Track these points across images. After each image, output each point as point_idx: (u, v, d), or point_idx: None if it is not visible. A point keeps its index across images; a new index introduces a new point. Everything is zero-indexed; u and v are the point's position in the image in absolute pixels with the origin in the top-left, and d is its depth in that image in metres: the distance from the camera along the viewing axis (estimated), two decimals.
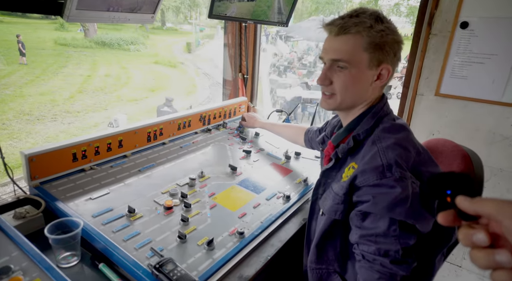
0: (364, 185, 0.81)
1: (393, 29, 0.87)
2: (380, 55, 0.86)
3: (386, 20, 0.87)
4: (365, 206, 0.80)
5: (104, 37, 15.54)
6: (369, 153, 0.84)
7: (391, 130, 0.88)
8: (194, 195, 1.17)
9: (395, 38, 0.87)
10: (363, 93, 0.92)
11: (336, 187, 0.90)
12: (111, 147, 1.29)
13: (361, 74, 0.89)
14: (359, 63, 0.87)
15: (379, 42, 0.85)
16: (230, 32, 2.13)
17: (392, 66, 0.89)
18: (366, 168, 0.81)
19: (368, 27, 0.85)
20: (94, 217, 0.98)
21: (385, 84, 0.93)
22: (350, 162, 0.89)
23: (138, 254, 0.87)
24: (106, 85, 10.82)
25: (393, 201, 0.76)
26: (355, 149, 0.91)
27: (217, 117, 1.79)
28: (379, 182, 0.78)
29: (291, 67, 11.49)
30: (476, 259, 0.37)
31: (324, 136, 1.21)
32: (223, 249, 0.93)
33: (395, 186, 0.77)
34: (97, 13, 1.05)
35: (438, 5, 1.58)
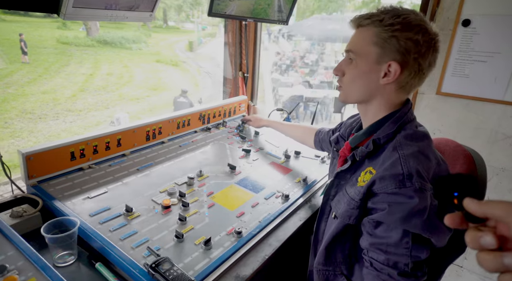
0: (382, 192, 0.78)
1: (407, 25, 0.81)
2: (389, 50, 0.83)
3: (405, 17, 0.82)
4: (379, 215, 0.78)
5: (106, 36, 15.54)
6: (389, 160, 0.81)
7: (414, 137, 0.85)
8: (193, 194, 1.17)
9: (409, 35, 0.81)
10: (372, 89, 0.88)
11: (351, 191, 0.87)
12: (110, 146, 1.29)
13: (368, 68, 0.86)
14: (367, 56, 0.86)
15: (388, 37, 0.82)
16: (230, 31, 2.12)
17: (403, 64, 0.83)
18: (386, 175, 0.78)
19: (379, 21, 0.83)
20: (91, 216, 0.98)
21: (402, 87, 0.87)
22: (367, 166, 0.87)
23: (134, 253, 0.87)
24: (108, 84, 10.83)
25: (410, 213, 0.74)
26: (374, 153, 0.88)
27: (216, 116, 1.78)
28: (397, 191, 0.76)
29: (293, 66, 11.45)
30: (484, 262, 0.36)
31: (339, 136, 1.17)
32: (220, 249, 0.92)
33: (413, 196, 0.74)
34: (94, 11, 1.04)
35: (440, 2, 1.57)
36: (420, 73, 0.85)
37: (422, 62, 0.83)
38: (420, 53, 0.82)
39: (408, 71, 0.84)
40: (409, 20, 0.81)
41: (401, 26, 0.81)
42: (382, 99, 0.90)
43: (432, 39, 0.83)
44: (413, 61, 0.83)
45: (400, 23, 0.81)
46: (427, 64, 0.84)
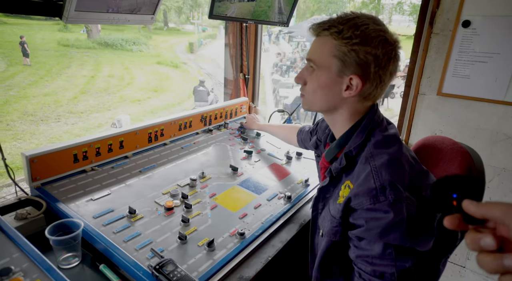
0: (359, 208, 0.78)
1: (366, 38, 0.79)
2: (349, 64, 0.81)
3: (364, 28, 0.80)
4: (358, 231, 0.79)
5: (107, 38, 15.60)
6: (362, 173, 0.80)
7: (383, 144, 0.83)
8: (195, 195, 1.17)
9: (367, 49, 0.79)
10: (335, 100, 0.87)
11: (332, 209, 0.87)
12: (112, 148, 1.29)
13: (329, 80, 0.85)
14: (328, 68, 0.84)
15: (347, 51, 0.80)
16: (231, 32, 2.13)
17: (365, 77, 0.81)
18: (360, 191, 0.78)
19: (337, 33, 0.81)
20: (95, 218, 0.99)
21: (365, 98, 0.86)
22: (345, 179, 0.87)
23: (138, 255, 0.87)
24: (109, 86, 10.87)
25: (386, 227, 0.74)
26: (349, 166, 0.87)
27: (218, 117, 1.79)
28: (372, 207, 0.76)
29: (294, 67, 11.47)
30: (484, 264, 0.36)
31: (317, 140, 1.18)
32: (223, 250, 0.93)
33: (388, 211, 0.73)
34: (96, 15, 1.05)
35: (440, 4, 1.57)
36: (382, 83, 0.84)
37: (382, 74, 0.82)
38: (380, 66, 0.81)
39: (369, 83, 0.83)
40: (367, 33, 0.79)
41: (360, 39, 0.79)
42: (347, 110, 0.89)
43: (392, 50, 0.81)
44: (374, 74, 0.81)
45: (358, 36, 0.79)
46: (388, 74, 0.83)
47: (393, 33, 0.83)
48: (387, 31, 0.82)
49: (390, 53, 0.81)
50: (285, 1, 1.84)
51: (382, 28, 0.82)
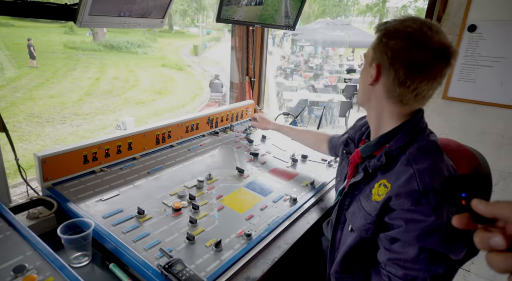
0: (398, 208, 0.78)
1: (392, 31, 0.83)
2: (377, 53, 0.86)
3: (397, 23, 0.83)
4: (396, 232, 0.78)
5: (112, 41, 15.73)
6: (404, 175, 0.80)
7: (427, 150, 0.84)
8: (202, 197, 1.19)
9: (390, 41, 0.82)
10: (365, 90, 0.93)
11: (367, 206, 0.87)
12: (121, 150, 1.31)
13: (365, 69, 0.92)
14: (367, 58, 0.91)
15: (377, 41, 0.86)
16: (237, 35, 2.16)
17: (383, 68, 0.85)
18: (402, 191, 0.78)
19: (378, 26, 0.88)
20: (104, 218, 1.00)
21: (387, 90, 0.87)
22: (381, 178, 0.87)
23: (147, 254, 0.89)
24: (114, 88, 10.94)
25: (426, 230, 0.74)
26: (387, 165, 0.87)
27: (224, 120, 1.81)
28: (414, 208, 0.76)
29: (298, 70, 11.49)
30: (493, 263, 0.36)
31: (348, 138, 1.16)
32: (230, 251, 0.94)
33: (430, 214, 0.74)
34: (109, 19, 1.07)
35: (446, 8, 1.58)
36: (400, 80, 0.83)
37: (399, 69, 0.82)
38: (397, 59, 0.82)
39: (387, 75, 0.85)
40: (396, 26, 0.83)
41: (386, 31, 0.84)
42: (377, 104, 0.91)
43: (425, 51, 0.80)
44: (389, 65, 0.84)
45: (388, 29, 0.84)
46: (404, 71, 0.82)
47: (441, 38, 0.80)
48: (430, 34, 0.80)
49: (418, 55, 0.80)
50: (292, 5, 1.86)
51: (424, 29, 0.80)
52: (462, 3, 1.52)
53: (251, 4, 1.65)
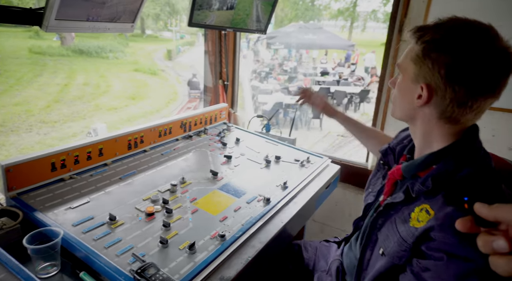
0: (440, 240, 0.69)
1: (442, 43, 0.71)
2: (423, 71, 0.75)
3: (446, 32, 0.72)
4: (433, 263, 0.70)
5: (82, 45, 15.23)
6: (452, 204, 0.70)
7: (480, 179, 0.74)
8: (176, 200, 1.18)
9: (441, 56, 0.71)
10: (410, 109, 0.82)
11: (403, 231, 0.78)
12: (91, 156, 1.29)
13: (406, 85, 0.81)
14: (406, 72, 0.81)
15: (422, 55, 0.75)
16: (210, 40, 2.17)
17: (436, 91, 0.74)
18: (447, 224, 0.68)
19: (419, 36, 0.76)
20: (74, 226, 0.98)
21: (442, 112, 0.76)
22: (423, 202, 0.77)
23: (119, 260, 0.87)
24: (84, 94, 10.59)
25: (469, 271, 0.64)
26: (433, 190, 0.76)
27: (198, 123, 1.81)
28: (459, 244, 0.66)
29: (272, 73, 11.62)
30: (497, 266, 0.36)
31: (389, 148, 1.05)
32: (204, 252, 0.95)
33: (477, 256, 0.63)
34: (76, 23, 1.06)
35: (407, 13, 1.67)
36: (462, 103, 0.73)
37: (459, 89, 0.71)
38: (455, 79, 0.71)
39: (441, 97, 0.74)
40: (447, 37, 0.71)
41: (437, 45, 0.72)
42: (427, 125, 0.81)
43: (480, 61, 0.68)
44: (445, 86, 0.72)
45: (436, 40, 0.72)
46: (473, 96, 0.71)
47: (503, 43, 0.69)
48: (490, 40, 0.69)
49: (476, 69, 0.69)
50: (263, 9, 1.90)
51: (481, 34, 0.70)
52: (422, 8, 1.61)
53: (222, 8, 1.67)
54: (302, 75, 11.32)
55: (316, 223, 2.18)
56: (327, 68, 13.11)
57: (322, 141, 7.67)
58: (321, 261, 1.27)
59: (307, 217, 1.52)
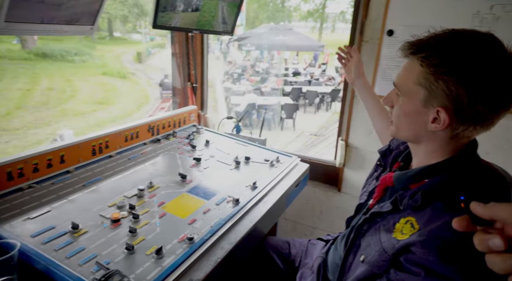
0: (421, 256, 0.68)
1: (457, 66, 0.66)
2: (437, 94, 0.70)
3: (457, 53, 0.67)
4: (409, 278, 0.69)
5: (45, 48, 14.56)
6: (438, 220, 0.68)
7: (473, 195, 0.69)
8: (143, 205, 1.16)
9: (459, 78, 0.66)
10: (420, 132, 0.78)
11: (385, 241, 0.77)
12: (52, 163, 1.23)
13: (414, 109, 0.76)
14: (413, 96, 0.76)
15: (433, 80, 0.70)
16: (177, 42, 2.15)
17: (455, 113, 0.69)
18: (430, 240, 0.67)
19: (424, 58, 0.71)
20: (33, 237, 0.94)
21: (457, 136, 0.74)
22: (409, 214, 0.76)
23: (82, 270, 0.85)
24: (49, 99, 10.12)
25: None
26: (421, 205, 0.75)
27: (166, 126, 1.78)
28: (440, 262, 0.65)
29: (245, 75, 11.65)
30: (493, 264, 0.37)
31: (387, 149, 1.04)
32: (172, 256, 0.94)
33: (457, 272, 0.63)
34: (30, 26, 1.01)
35: (368, 15, 1.74)
36: (482, 121, 0.70)
37: (482, 110, 0.68)
38: (477, 100, 0.67)
39: (461, 119, 0.70)
40: (460, 59, 0.67)
41: (449, 68, 0.67)
42: (434, 145, 0.78)
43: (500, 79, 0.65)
44: (467, 109, 0.68)
45: (448, 63, 0.67)
46: (494, 111, 0.68)
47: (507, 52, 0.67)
48: (494, 54, 0.66)
49: (502, 86, 0.66)
50: (229, 11, 1.90)
51: (490, 51, 0.66)
52: (381, 10, 1.68)
53: (187, 10, 1.66)
54: (274, 76, 11.43)
55: (288, 222, 2.21)
56: (299, 69, 13.34)
57: (295, 141, 7.78)
58: (308, 258, 1.30)
59: (277, 216, 1.54)
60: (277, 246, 1.40)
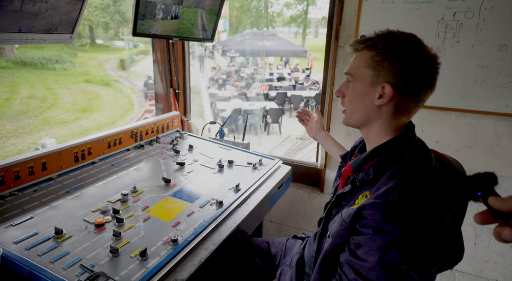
0: (370, 218, 0.78)
1: (400, 48, 0.84)
2: (382, 72, 0.85)
3: (398, 40, 0.85)
4: (362, 238, 0.79)
5: (24, 56, 14.22)
6: (384, 187, 0.81)
7: (413, 166, 0.85)
8: (127, 210, 1.18)
9: (398, 58, 0.84)
10: (369, 110, 0.91)
11: (345, 213, 0.88)
12: (34, 171, 1.24)
13: (364, 90, 0.89)
14: (362, 78, 0.89)
15: (381, 60, 0.85)
16: (158, 49, 2.17)
17: (396, 87, 0.85)
18: (377, 202, 0.78)
19: (372, 45, 0.87)
20: (16, 243, 0.94)
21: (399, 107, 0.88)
22: (366, 190, 0.88)
23: (67, 273, 0.86)
24: (29, 108, 9.89)
25: (391, 242, 0.74)
26: (374, 179, 0.88)
27: (149, 132, 1.80)
28: (384, 220, 0.75)
29: (230, 80, 11.70)
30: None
31: (347, 153, 1.15)
32: (156, 258, 0.96)
33: (398, 228, 0.74)
34: (7, 35, 1.03)
35: (342, 21, 1.81)
36: (416, 98, 0.87)
37: (416, 86, 0.85)
38: (413, 77, 0.84)
39: (401, 93, 0.86)
40: (402, 44, 0.85)
41: (392, 49, 0.84)
42: (381, 122, 0.91)
43: (428, 63, 0.85)
44: (405, 83, 0.85)
45: (392, 46, 0.84)
46: (422, 88, 0.86)
47: (430, 48, 0.87)
48: (424, 45, 0.86)
49: (426, 66, 0.85)
50: (208, 19, 1.95)
51: (418, 41, 0.86)
52: (353, 17, 1.76)
53: (166, 18, 1.70)
54: (259, 81, 11.52)
55: (273, 224, 2.25)
56: (283, 74, 13.48)
57: (281, 145, 7.85)
58: (287, 256, 1.35)
59: (261, 217, 1.58)
60: (257, 246, 1.45)
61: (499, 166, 1.65)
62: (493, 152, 1.65)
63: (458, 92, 1.63)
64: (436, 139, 1.75)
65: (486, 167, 1.64)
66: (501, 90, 1.55)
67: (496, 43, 1.50)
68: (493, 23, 1.49)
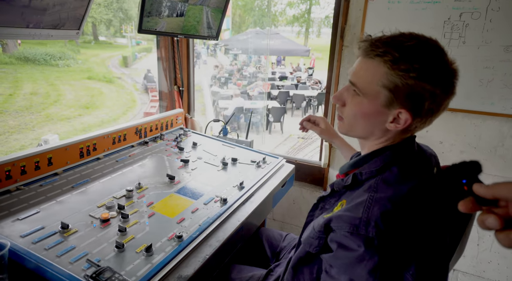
0: (337, 230, 0.73)
1: (425, 73, 0.70)
2: (401, 97, 0.73)
3: (425, 60, 0.71)
4: (328, 257, 0.76)
5: (28, 52, 14.26)
6: (357, 199, 0.74)
7: (395, 180, 0.76)
8: (132, 206, 1.19)
9: (425, 85, 0.71)
10: (375, 130, 0.82)
11: (317, 221, 0.82)
12: (40, 166, 1.25)
13: (374, 109, 0.78)
14: (374, 97, 0.77)
15: (400, 83, 0.72)
16: (163, 46, 2.18)
17: (413, 114, 0.75)
18: (345, 215, 0.72)
19: (392, 62, 0.72)
20: (23, 237, 0.95)
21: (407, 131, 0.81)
22: (344, 197, 0.82)
23: (73, 267, 0.87)
24: (32, 104, 9.92)
25: (354, 261, 0.69)
26: (353, 187, 0.81)
27: (153, 129, 1.81)
28: (348, 235, 0.70)
29: (232, 79, 11.70)
30: (499, 240, 0.39)
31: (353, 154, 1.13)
32: (162, 254, 0.96)
33: (361, 245, 0.67)
34: (15, 30, 1.03)
35: (347, 20, 1.81)
36: (431, 118, 0.79)
37: (435, 109, 0.76)
38: (435, 102, 0.74)
39: (419, 118, 0.77)
40: (428, 66, 0.71)
41: (418, 74, 0.71)
42: (384, 138, 0.84)
43: (450, 84, 0.74)
44: (427, 110, 0.75)
45: (417, 70, 0.71)
46: (441, 109, 0.77)
47: (451, 62, 0.75)
48: (448, 61, 0.75)
49: (448, 88, 0.75)
50: (213, 16, 1.95)
51: (443, 58, 0.74)
52: (359, 16, 1.76)
53: (172, 15, 1.70)
54: (261, 80, 11.52)
55: (276, 222, 2.26)
56: (285, 73, 13.48)
57: (283, 144, 7.85)
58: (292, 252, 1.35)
59: (264, 215, 1.58)
60: (271, 237, 1.47)
61: (503, 167, 1.65)
62: (497, 153, 1.65)
63: (464, 93, 1.62)
64: (440, 139, 1.75)
65: (491, 168, 1.64)
66: (507, 92, 1.55)
67: (502, 44, 1.50)
68: (500, 24, 1.48)
